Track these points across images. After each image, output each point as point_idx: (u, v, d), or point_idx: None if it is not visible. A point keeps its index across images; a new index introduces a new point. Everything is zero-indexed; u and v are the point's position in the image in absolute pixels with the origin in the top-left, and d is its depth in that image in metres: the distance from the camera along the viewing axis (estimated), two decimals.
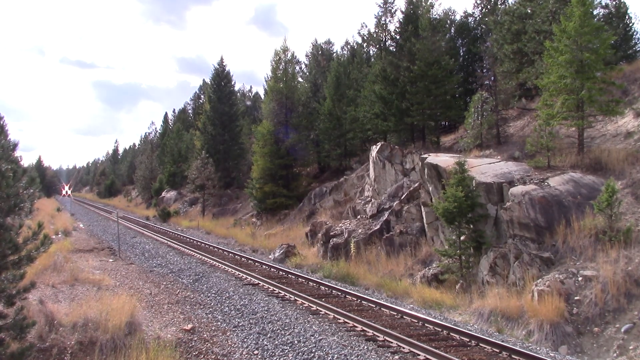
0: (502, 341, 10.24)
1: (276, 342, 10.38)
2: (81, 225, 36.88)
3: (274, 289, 14.94)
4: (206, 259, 20.71)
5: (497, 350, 9.62)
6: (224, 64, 49.62)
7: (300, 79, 46.20)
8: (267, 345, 10.30)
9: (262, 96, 54.28)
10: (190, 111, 77.32)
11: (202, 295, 14.79)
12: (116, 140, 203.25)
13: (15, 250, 7.90)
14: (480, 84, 26.05)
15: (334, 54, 49.96)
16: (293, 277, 17.21)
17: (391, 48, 32.57)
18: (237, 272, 17.60)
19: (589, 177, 15.81)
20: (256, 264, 19.96)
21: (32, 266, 9.30)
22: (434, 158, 19.89)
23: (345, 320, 11.57)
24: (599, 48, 16.62)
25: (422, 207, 20.18)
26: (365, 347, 9.84)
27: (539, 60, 21.68)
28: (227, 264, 19.12)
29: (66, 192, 75.73)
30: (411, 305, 14.02)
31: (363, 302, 13.59)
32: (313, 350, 9.70)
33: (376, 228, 21.37)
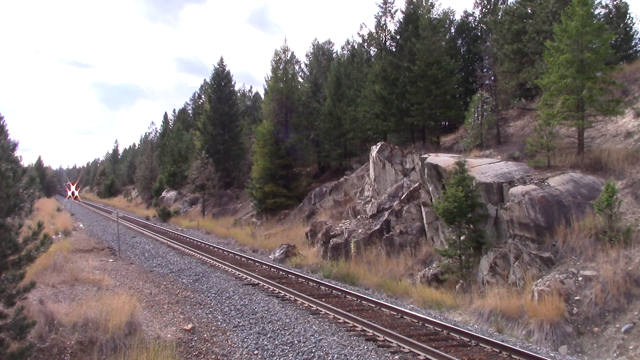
0: (502, 341, 10.23)
1: (276, 342, 10.38)
2: (81, 225, 36.87)
3: (274, 289, 14.94)
4: (206, 259, 20.70)
5: (497, 350, 9.61)
6: (224, 64, 49.71)
7: (300, 79, 46.25)
8: (267, 345, 10.30)
9: (262, 96, 54.30)
10: (190, 111, 77.39)
11: (202, 295, 14.79)
12: (116, 140, 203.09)
13: (15, 250, 7.89)
14: (480, 84, 26.06)
15: (334, 54, 50.00)
16: (293, 277, 17.21)
17: (391, 48, 32.58)
18: (237, 272, 17.59)
19: (589, 177, 15.81)
20: (256, 263, 19.96)
21: (32, 266, 9.29)
22: (434, 158, 19.89)
23: (345, 320, 11.56)
24: (599, 48, 16.62)
25: (422, 207, 20.17)
26: (365, 347, 9.84)
27: (539, 60, 21.67)
28: (227, 264, 19.12)
29: (72, 193, 60.97)
30: (411, 305, 14.02)
31: (363, 302, 13.59)
32: (313, 350, 9.69)
33: (376, 228, 21.37)
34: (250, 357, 9.79)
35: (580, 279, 12.34)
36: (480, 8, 34.35)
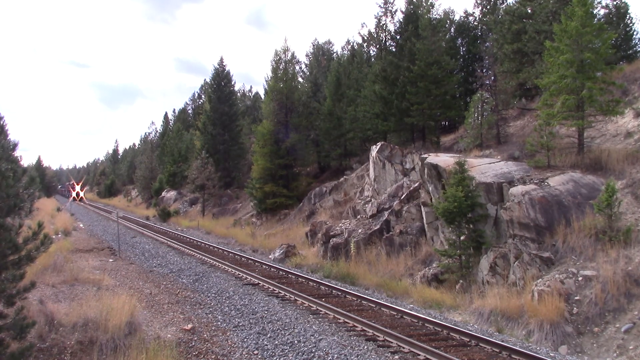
0: (502, 341, 10.23)
1: (276, 342, 10.38)
2: (81, 225, 36.86)
3: (274, 288, 14.94)
4: (206, 258, 20.70)
5: (497, 350, 9.61)
6: (223, 64, 49.74)
7: (300, 79, 46.27)
8: (267, 345, 10.30)
9: (262, 96, 54.32)
10: (190, 111, 77.46)
11: (202, 295, 14.79)
12: (116, 140, 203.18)
13: (15, 250, 7.90)
14: (480, 84, 26.03)
15: (334, 54, 50.05)
16: (293, 277, 17.21)
17: (391, 48, 32.59)
18: (237, 272, 17.59)
19: (589, 177, 15.81)
20: (256, 263, 19.96)
21: (32, 266, 9.30)
22: (434, 158, 19.88)
23: (345, 320, 11.56)
24: (599, 48, 16.62)
25: (422, 207, 20.17)
26: (365, 347, 9.84)
27: (539, 60, 21.67)
28: (227, 263, 19.12)
29: (77, 194, 56.65)
30: (411, 305, 14.02)
31: (363, 302, 13.58)
32: (313, 350, 9.69)
33: (376, 228, 21.37)
34: (250, 357, 9.79)
35: (580, 279, 12.35)
36: (480, 8, 34.35)
